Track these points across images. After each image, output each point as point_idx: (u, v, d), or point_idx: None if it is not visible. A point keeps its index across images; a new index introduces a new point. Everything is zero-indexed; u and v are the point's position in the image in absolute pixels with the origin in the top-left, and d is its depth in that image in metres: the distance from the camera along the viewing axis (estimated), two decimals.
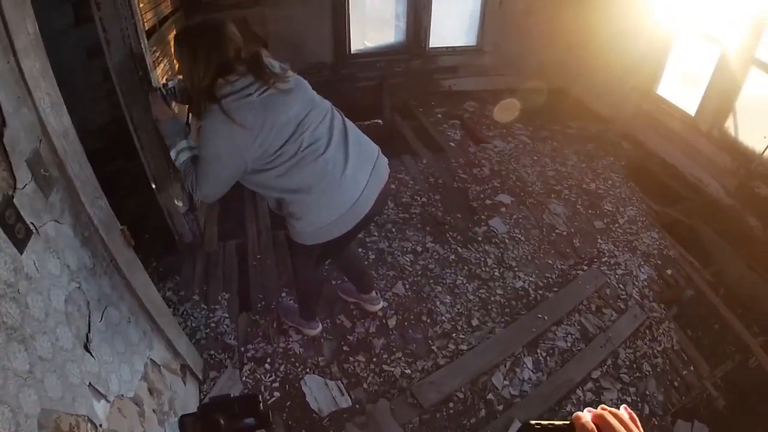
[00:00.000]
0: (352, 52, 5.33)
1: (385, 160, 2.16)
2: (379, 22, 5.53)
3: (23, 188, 1.23)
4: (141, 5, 2.53)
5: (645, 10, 4.74)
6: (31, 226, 1.26)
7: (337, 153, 1.92)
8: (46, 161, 1.34)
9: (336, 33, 5.09)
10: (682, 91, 4.71)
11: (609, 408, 0.70)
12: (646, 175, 4.58)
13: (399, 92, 5.55)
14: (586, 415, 0.68)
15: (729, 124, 4.31)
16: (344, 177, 1.93)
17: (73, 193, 1.48)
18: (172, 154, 1.96)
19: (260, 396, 0.95)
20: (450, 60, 5.76)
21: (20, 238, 1.20)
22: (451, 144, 4.84)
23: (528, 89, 5.58)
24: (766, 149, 3.91)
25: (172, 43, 2.65)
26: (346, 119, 2.06)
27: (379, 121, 5.32)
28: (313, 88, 2.00)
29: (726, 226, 3.97)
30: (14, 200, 1.19)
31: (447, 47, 5.73)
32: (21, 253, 1.20)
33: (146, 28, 2.59)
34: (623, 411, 0.71)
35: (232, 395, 0.98)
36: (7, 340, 1.12)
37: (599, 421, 0.67)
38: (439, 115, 5.38)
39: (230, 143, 1.75)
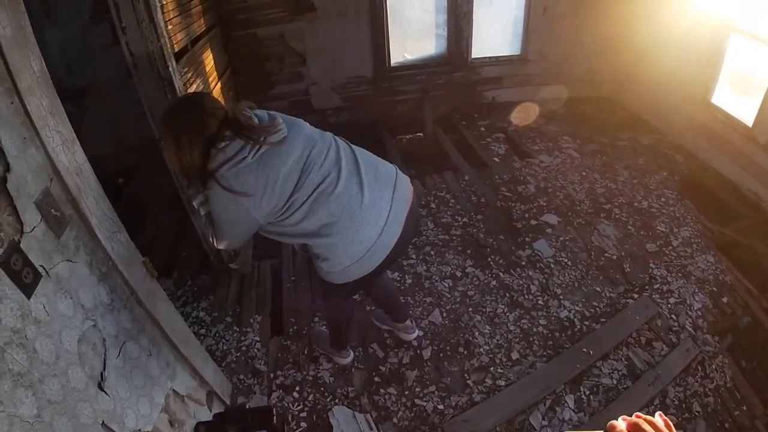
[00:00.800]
0: (391, 65, 5.28)
1: (406, 178, 2.05)
2: (418, 34, 5.45)
3: (31, 231, 1.21)
4: (170, 27, 2.55)
5: (699, 11, 4.50)
6: (41, 269, 1.24)
7: (350, 185, 1.83)
8: (58, 200, 1.32)
9: (375, 46, 5.05)
10: (738, 99, 4.41)
11: (644, 416, 0.71)
12: (701, 191, 4.32)
13: (441, 105, 5.47)
14: (621, 424, 0.70)
15: None
16: (363, 208, 1.83)
17: (88, 230, 1.47)
18: (195, 204, 1.89)
19: (274, 410, 0.93)
20: (493, 70, 5.62)
21: (28, 282, 1.18)
22: (495, 159, 4.71)
23: (575, 99, 5.37)
24: None
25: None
26: (354, 146, 1.96)
27: (421, 134, 5.25)
28: (351, 102, 1.93)
29: None
30: (21, 245, 1.17)
31: (490, 57, 5.60)
32: (29, 297, 1.19)
33: (176, 50, 2.61)
34: (658, 418, 0.72)
35: (247, 407, 0.97)
36: (14, 387, 1.10)
37: (634, 429, 0.69)
38: (483, 129, 5.26)
39: (237, 209, 1.71)
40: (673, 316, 3.13)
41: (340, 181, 1.80)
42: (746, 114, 4.26)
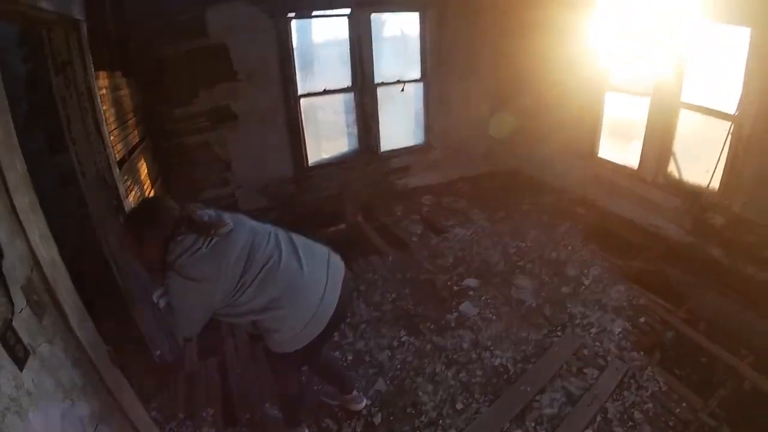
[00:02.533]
0: (310, 164, 5.74)
1: (337, 256, 2.48)
2: (332, 133, 6.03)
3: (20, 312, 1.43)
4: (112, 138, 2.85)
5: (578, 79, 5.40)
6: (29, 347, 1.44)
7: (290, 261, 2.21)
8: (38, 288, 1.55)
9: (293, 148, 5.52)
10: (621, 148, 5.29)
11: None
12: (604, 234, 4.98)
13: (359, 196, 5.94)
14: None
15: (671, 168, 4.82)
16: (304, 279, 2.21)
17: (63, 317, 1.68)
18: (154, 297, 2.20)
19: None
20: (402, 160, 6.27)
21: (20, 357, 1.39)
22: (414, 239, 5.17)
23: (480, 175, 6.02)
24: (710, 181, 4.35)
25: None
26: (290, 232, 2.38)
27: (343, 226, 5.64)
28: (276, 202, 2.33)
29: (691, 263, 4.34)
30: (13, 323, 1.39)
31: (398, 148, 6.26)
32: (21, 370, 1.38)
33: (117, 159, 2.90)
34: None
35: None
36: None
37: None
38: (399, 213, 5.76)
39: (194, 295, 2.03)
40: (597, 343, 3.55)
41: (282, 260, 2.18)
42: (631, 159, 5.10)
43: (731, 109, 4.09)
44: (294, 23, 5.19)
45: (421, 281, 4.40)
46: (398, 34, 6.12)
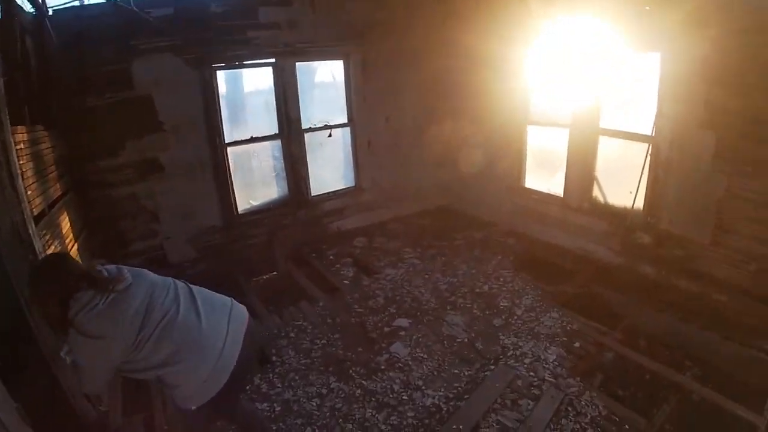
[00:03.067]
0: (239, 212, 5.64)
1: (241, 306, 2.47)
2: (261, 180, 5.96)
3: None
4: (29, 192, 2.77)
5: (501, 114, 5.63)
6: None
7: (189, 314, 2.19)
8: None
9: (222, 197, 5.43)
10: (547, 178, 5.49)
11: None
12: (535, 263, 5.06)
13: (290, 242, 5.85)
14: None
15: (596, 192, 5.03)
16: (202, 332, 2.18)
17: None
18: (61, 354, 2.14)
19: None
20: (333, 204, 6.25)
21: None
22: (345, 282, 5.10)
23: (412, 214, 6.07)
24: (634, 201, 4.57)
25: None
26: (192, 285, 2.36)
27: (275, 273, 5.52)
28: (206, 252, 2.27)
29: (624, 283, 4.46)
30: None
31: (329, 192, 6.25)
32: None
33: (35, 213, 2.81)
34: None
35: None
36: None
37: None
38: (332, 257, 5.69)
39: (94, 351, 2.00)
40: (531, 373, 3.54)
41: (179, 314, 2.16)
42: (557, 187, 5.32)
43: (648, 130, 4.35)
44: (221, 73, 5.21)
45: (352, 325, 4.31)
46: (325, 80, 6.21)
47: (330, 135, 6.04)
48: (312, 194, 6.08)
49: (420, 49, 6.23)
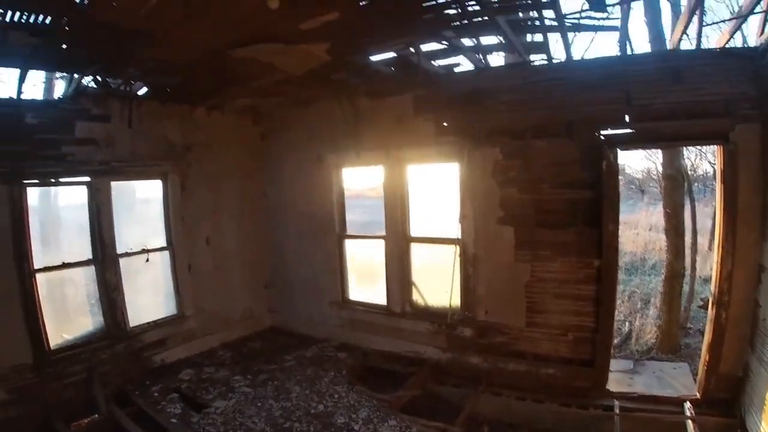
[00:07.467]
0: (52, 347, 5.13)
1: None
2: (76, 312, 5.60)
3: None
4: None
5: (318, 229, 6.13)
6: None
7: None
8: None
9: (31, 331, 4.91)
10: (370, 289, 6.01)
11: None
12: (369, 373, 5.36)
13: (111, 380, 5.44)
14: None
15: (416, 296, 5.64)
16: None
17: None
18: None
19: None
20: (156, 334, 5.98)
21: None
22: (173, 420, 4.81)
23: (241, 338, 6.01)
24: (451, 299, 5.16)
25: None
26: None
27: (96, 416, 5.00)
28: (17, 395, 2.04)
29: (457, 376, 4.95)
30: None
31: (149, 322, 5.98)
32: None
33: None
34: None
35: None
36: None
37: None
38: (156, 394, 5.35)
39: None
40: None
41: None
42: (379, 297, 5.81)
43: (455, 233, 5.07)
44: (32, 191, 4.95)
45: None
46: (142, 200, 6.17)
47: (147, 260, 5.89)
48: (131, 325, 5.77)
49: (239, 169, 6.52)
